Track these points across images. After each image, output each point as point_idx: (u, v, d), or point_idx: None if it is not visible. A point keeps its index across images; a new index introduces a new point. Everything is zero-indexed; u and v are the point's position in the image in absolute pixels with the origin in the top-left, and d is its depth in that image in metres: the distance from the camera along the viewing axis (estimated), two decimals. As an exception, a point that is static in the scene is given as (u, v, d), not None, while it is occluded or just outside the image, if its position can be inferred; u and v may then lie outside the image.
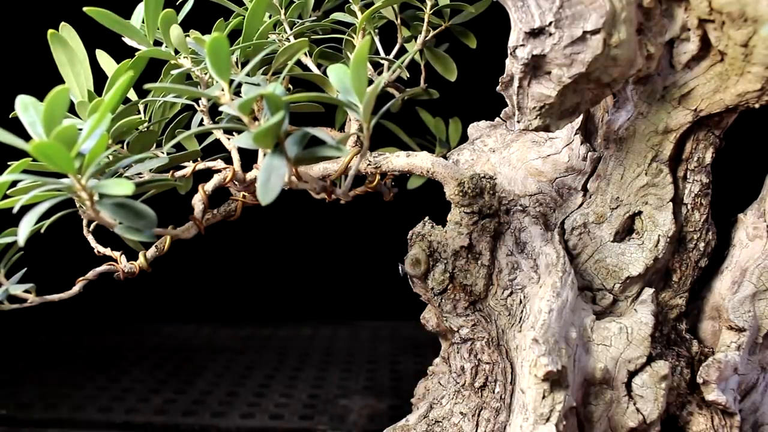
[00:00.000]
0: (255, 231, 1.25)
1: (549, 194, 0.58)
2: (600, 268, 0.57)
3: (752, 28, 0.46)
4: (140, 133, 0.52)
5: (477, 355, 0.56)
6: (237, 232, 0.86)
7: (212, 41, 0.35)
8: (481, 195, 0.55)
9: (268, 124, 0.34)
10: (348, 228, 1.33)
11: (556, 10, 0.45)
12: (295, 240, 1.46)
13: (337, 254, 1.46)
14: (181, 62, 0.48)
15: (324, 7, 0.66)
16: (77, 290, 0.50)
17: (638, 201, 0.56)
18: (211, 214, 0.55)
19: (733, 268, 0.58)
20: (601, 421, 0.53)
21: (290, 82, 0.62)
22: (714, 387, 0.54)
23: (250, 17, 0.49)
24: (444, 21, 0.63)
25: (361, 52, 0.36)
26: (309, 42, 0.54)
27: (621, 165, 0.56)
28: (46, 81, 0.40)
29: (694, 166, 0.56)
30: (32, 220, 0.36)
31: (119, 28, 0.48)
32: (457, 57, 0.66)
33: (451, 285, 0.56)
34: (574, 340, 0.52)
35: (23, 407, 1.02)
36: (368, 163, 0.57)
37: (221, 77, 0.36)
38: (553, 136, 0.59)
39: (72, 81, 0.49)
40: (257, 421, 0.97)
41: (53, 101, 0.35)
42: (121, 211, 0.38)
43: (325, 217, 1.08)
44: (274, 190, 0.36)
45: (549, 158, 0.58)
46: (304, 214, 1.02)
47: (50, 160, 0.34)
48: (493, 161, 0.59)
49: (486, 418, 0.54)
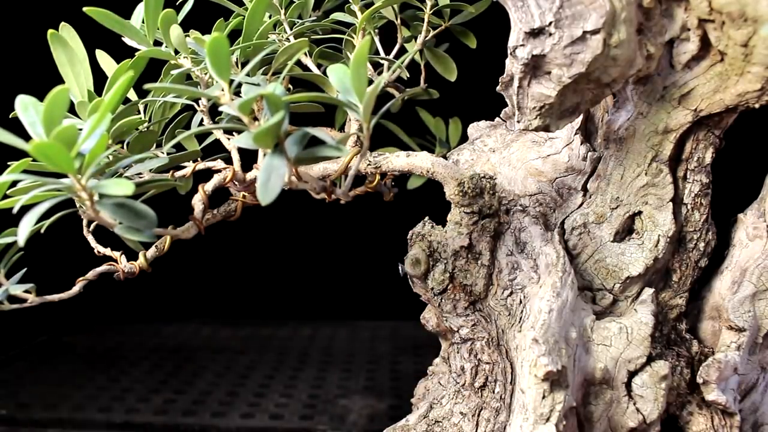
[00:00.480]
0: (255, 231, 1.25)
1: (549, 194, 0.58)
2: (600, 268, 0.57)
3: (752, 28, 0.46)
4: (140, 133, 0.52)
5: (477, 355, 0.56)
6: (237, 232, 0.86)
7: (212, 41, 0.35)
8: (481, 195, 0.55)
9: (267, 124, 0.34)
10: (348, 228, 1.33)
11: (556, 10, 0.45)
12: (295, 240, 1.46)
13: (337, 254, 1.46)
14: (181, 62, 0.48)
15: (324, 7, 0.66)
16: (77, 290, 0.50)
17: (638, 201, 0.56)
18: (211, 214, 0.55)
19: (733, 268, 0.58)
20: (601, 421, 0.53)
21: (290, 82, 0.62)
22: (714, 387, 0.54)
23: (250, 17, 0.49)
24: (444, 21, 0.63)
25: (361, 52, 0.36)
26: (309, 42, 0.54)
27: (621, 165, 0.56)
28: (46, 81, 0.40)
29: (694, 166, 0.56)
30: (32, 220, 0.36)
31: (119, 28, 0.48)
32: (457, 57, 0.66)
33: (451, 285, 0.56)
34: (574, 340, 0.52)
35: (23, 407, 1.02)
36: (368, 163, 0.57)
37: (221, 77, 0.36)
38: (553, 136, 0.59)
39: (72, 81, 0.49)
40: (257, 421, 0.97)
41: (53, 101, 0.35)
42: (121, 211, 0.38)
43: (325, 217, 1.08)
44: (274, 191, 0.36)
45: (549, 158, 0.58)
46: (304, 214, 1.02)
47: (50, 160, 0.34)
48: (493, 161, 0.59)
49: (486, 418, 0.54)
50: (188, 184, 0.58)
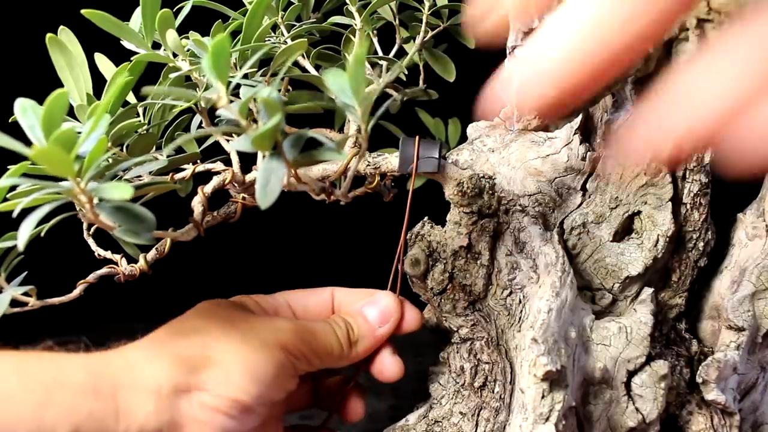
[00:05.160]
0: (255, 232, 1.25)
1: (548, 194, 0.58)
2: (599, 268, 0.57)
3: (750, 28, 0.46)
4: (140, 135, 0.52)
5: (476, 355, 0.56)
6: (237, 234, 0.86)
7: (216, 44, 0.35)
8: (481, 195, 0.55)
9: (264, 128, 0.34)
10: (348, 228, 1.33)
11: (554, 11, 0.45)
12: (295, 241, 1.46)
13: (337, 254, 1.46)
14: (179, 65, 0.48)
15: (324, 9, 0.66)
16: (78, 293, 0.50)
17: (637, 201, 0.57)
18: (210, 216, 0.55)
19: (733, 268, 0.58)
20: (600, 421, 0.53)
21: (290, 82, 0.62)
22: (713, 386, 0.54)
23: (249, 19, 0.49)
24: (442, 21, 0.63)
25: (359, 54, 0.36)
26: (308, 44, 0.54)
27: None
28: (45, 85, 0.40)
29: (693, 166, 0.56)
30: (32, 223, 0.36)
31: (117, 30, 0.48)
32: (455, 57, 0.66)
33: (451, 285, 0.56)
34: (573, 339, 0.52)
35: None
36: (367, 164, 0.57)
37: (219, 81, 0.36)
38: (552, 136, 0.59)
39: (71, 84, 0.49)
40: (258, 421, 0.97)
41: (52, 105, 0.35)
42: (120, 214, 0.38)
43: (325, 218, 1.08)
44: (273, 193, 0.36)
45: (548, 158, 0.58)
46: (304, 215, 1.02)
47: (50, 164, 0.34)
48: (492, 161, 0.59)
49: (485, 418, 0.54)
50: (188, 186, 0.58)
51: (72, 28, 0.51)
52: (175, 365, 0.45)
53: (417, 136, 0.55)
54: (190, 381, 0.45)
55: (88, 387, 0.42)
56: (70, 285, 0.51)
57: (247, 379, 0.46)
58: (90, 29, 0.48)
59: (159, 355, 0.46)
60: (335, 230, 1.36)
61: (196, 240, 0.50)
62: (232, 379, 0.46)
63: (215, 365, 0.46)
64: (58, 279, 0.53)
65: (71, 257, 0.59)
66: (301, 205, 0.64)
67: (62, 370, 0.43)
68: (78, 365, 0.44)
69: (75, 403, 0.41)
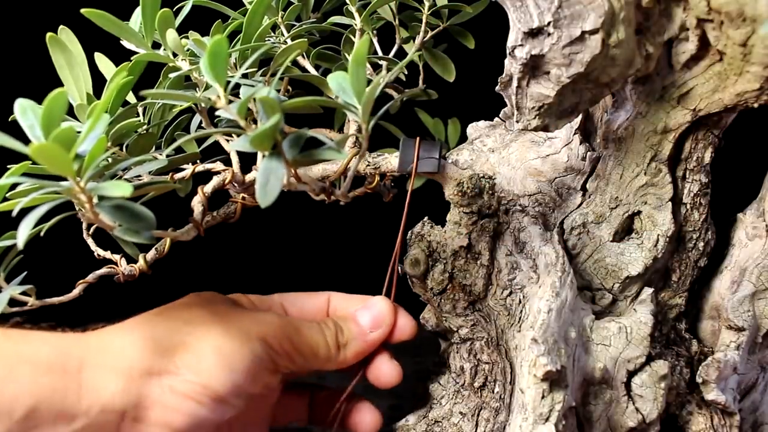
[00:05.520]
0: (255, 232, 1.25)
1: (548, 194, 0.58)
2: (599, 268, 0.57)
3: (751, 28, 0.46)
4: (139, 135, 0.52)
5: (476, 355, 0.56)
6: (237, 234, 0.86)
7: (213, 44, 0.35)
8: (480, 195, 0.55)
9: (263, 128, 0.34)
10: (348, 229, 1.33)
11: (555, 10, 0.45)
12: (295, 241, 1.46)
13: (337, 254, 1.46)
14: (179, 65, 0.48)
15: (323, 9, 0.66)
16: (77, 293, 0.50)
17: (637, 201, 0.56)
18: (210, 215, 0.55)
19: (733, 268, 0.58)
20: (600, 421, 0.53)
21: (289, 82, 0.62)
22: (713, 386, 0.54)
23: (249, 19, 0.49)
24: (442, 21, 0.63)
25: (360, 53, 0.36)
26: (308, 44, 0.54)
27: (620, 165, 0.56)
28: (44, 84, 0.40)
29: (693, 166, 0.56)
30: (31, 223, 0.36)
31: (117, 30, 0.47)
32: (455, 57, 0.66)
33: (451, 285, 0.56)
34: (573, 339, 0.52)
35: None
36: (367, 164, 0.57)
37: (216, 81, 0.36)
38: (552, 136, 0.59)
39: (71, 84, 0.49)
40: (258, 421, 0.97)
41: (52, 104, 0.35)
42: (120, 213, 0.38)
43: (325, 218, 1.08)
44: (273, 193, 0.36)
45: (548, 158, 0.58)
46: (304, 215, 1.02)
47: (49, 163, 0.34)
48: (492, 161, 0.59)
49: (485, 418, 0.54)
50: (187, 186, 0.58)
51: (72, 27, 0.50)
52: (149, 348, 0.45)
53: (417, 137, 0.55)
54: (161, 364, 0.45)
55: (54, 364, 0.42)
56: (70, 285, 0.51)
57: (219, 366, 0.45)
58: (90, 29, 0.48)
59: (135, 337, 0.46)
60: (335, 230, 1.36)
61: (195, 240, 0.50)
62: (204, 365, 0.45)
63: (189, 350, 0.46)
64: (58, 279, 0.53)
65: (71, 257, 0.59)
66: (301, 205, 0.64)
67: (28, 347, 0.42)
68: (45, 342, 0.43)
69: (37, 379, 0.40)
